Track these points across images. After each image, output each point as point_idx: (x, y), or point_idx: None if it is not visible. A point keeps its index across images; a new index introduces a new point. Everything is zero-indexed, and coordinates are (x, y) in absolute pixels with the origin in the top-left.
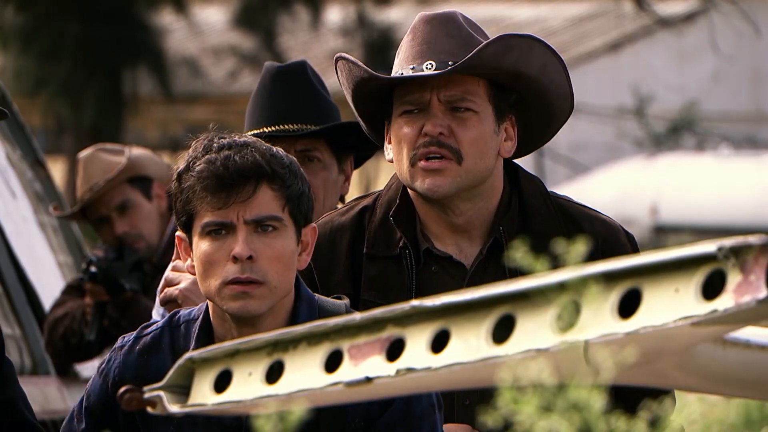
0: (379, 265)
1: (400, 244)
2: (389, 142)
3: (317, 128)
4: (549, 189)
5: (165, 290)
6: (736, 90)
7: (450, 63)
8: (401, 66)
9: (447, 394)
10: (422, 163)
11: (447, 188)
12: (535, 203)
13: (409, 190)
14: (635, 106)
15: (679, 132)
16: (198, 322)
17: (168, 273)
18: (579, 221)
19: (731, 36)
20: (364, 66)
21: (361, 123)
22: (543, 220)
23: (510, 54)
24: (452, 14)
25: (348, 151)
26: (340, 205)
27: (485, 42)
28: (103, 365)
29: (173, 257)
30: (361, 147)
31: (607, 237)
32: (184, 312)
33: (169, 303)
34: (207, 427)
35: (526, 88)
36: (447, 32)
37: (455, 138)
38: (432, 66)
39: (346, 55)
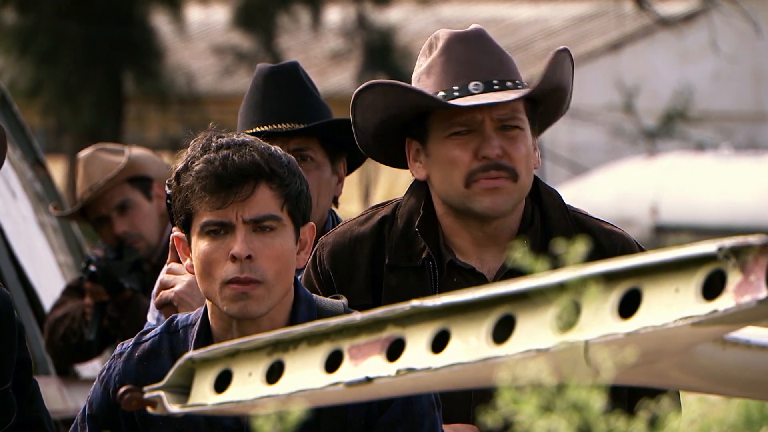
0: (399, 276)
1: (424, 255)
2: (415, 161)
3: (307, 125)
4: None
5: (160, 293)
6: (736, 90)
7: (495, 82)
8: (440, 86)
9: (463, 404)
10: (481, 184)
11: (507, 206)
12: (555, 216)
13: (435, 204)
14: (623, 101)
15: (673, 122)
16: (196, 326)
17: (163, 276)
18: (596, 235)
19: (732, 36)
20: (428, 93)
21: (366, 142)
22: (563, 233)
23: (557, 70)
24: (481, 31)
25: (341, 152)
26: (334, 207)
27: (548, 64)
28: (103, 373)
29: (168, 259)
30: (354, 147)
31: (624, 250)
32: (181, 317)
33: (165, 306)
34: (209, 428)
35: (557, 98)
36: (483, 50)
37: (509, 157)
38: (479, 87)
39: (401, 83)
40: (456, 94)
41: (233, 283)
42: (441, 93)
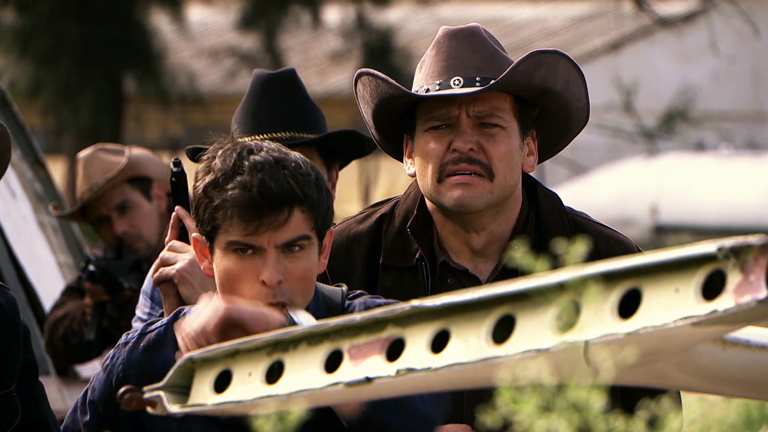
0: (394, 276)
1: (417, 256)
2: (409, 157)
3: (314, 137)
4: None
5: (160, 270)
6: (736, 90)
7: (477, 78)
8: (426, 81)
9: (455, 403)
10: (452, 179)
11: (477, 203)
12: (552, 220)
13: (427, 202)
14: (622, 100)
15: (673, 122)
16: None
17: (164, 253)
18: (595, 240)
19: (731, 36)
20: (395, 83)
21: (375, 136)
22: (559, 237)
23: (539, 70)
24: (476, 29)
25: (337, 159)
26: None
27: (518, 60)
28: (107, 361)
29: (168, 237)
30: (349, 155)
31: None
32: (189, 309)
33: (163, 283)
34: (208, 421)
35: (550, 102)
36: (472, 47)
37: (485, 154)
38: (459, 82)
39: (373, 71)
40: (437, 88)
41: None
42: (425, 87)
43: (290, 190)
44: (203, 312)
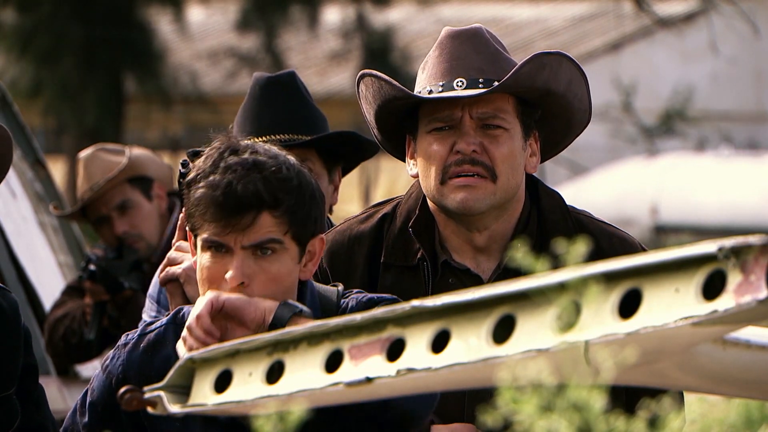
0: (395, 275)
1: (418, 255)
2: (411, 157)
3: (310, 138)
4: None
5: (167, 269)
6: (736, 90)
7: (480, 80)
8: (429, 82)
9: (457, 403)
10: (455, 180)
11: (480, 205)
12: (554, 218)
13: (429, 202)
14: (621, 100)
15: (671, 121)
16: None
17: (171, 253)
18: (597, 238)
19: (731, 36)
20: (398, 84)
21: (376, 137)
22: (561, 235)
23: (542, 72)
24: (479, 30)
25: (337, 162)
26: (328, 215)
27: (521, 62)
28: (106, 362)
29: (175, 238)
30: (350, 157)
31: (625, 255)
32: (188, 308)
33: (170, 282)
34: (209, 422)
35: (553, 104)
36: (475, 48)
37: (488, 155)
38: (463, 83)
39: (376, 73)
40: (440, 89)
41: None
42: (427, 88)
43: (255, 194)
44: (197, 304)
